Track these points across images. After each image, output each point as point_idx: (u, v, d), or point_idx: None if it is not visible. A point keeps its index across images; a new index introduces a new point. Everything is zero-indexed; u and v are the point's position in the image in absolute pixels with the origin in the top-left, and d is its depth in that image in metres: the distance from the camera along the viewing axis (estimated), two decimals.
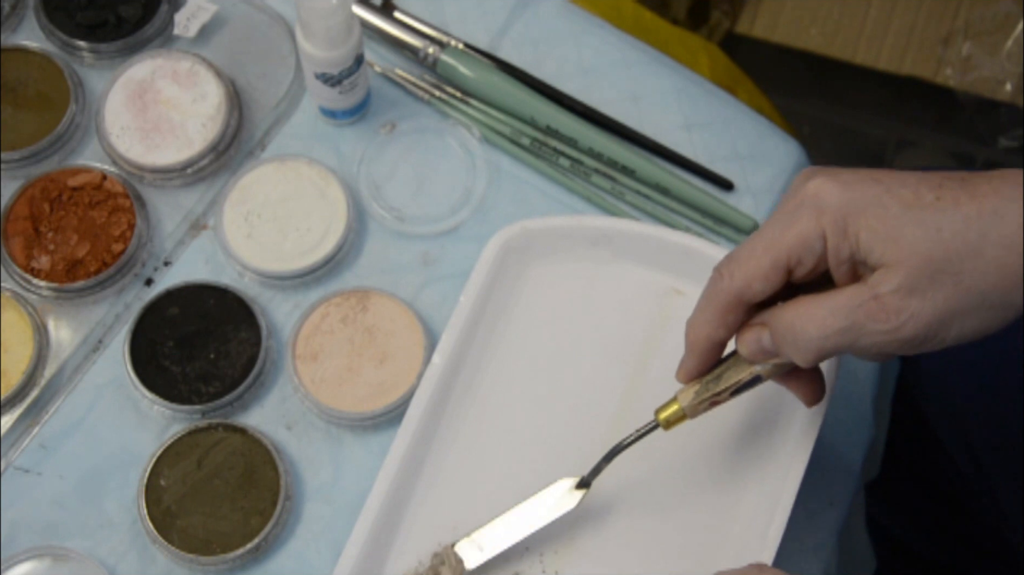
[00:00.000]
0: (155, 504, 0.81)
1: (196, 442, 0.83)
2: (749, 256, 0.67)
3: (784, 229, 0.66)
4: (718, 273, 0.69)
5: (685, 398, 0.73)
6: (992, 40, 1.67)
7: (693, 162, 0.92)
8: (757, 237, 0.67)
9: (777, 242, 0.66)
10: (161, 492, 0.82)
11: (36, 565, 0.81)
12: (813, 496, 0.85)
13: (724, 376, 0.72)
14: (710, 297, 0.70)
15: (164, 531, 0.81)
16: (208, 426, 0.83)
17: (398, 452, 0.80)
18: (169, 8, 0.94)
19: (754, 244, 0.67)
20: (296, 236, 0.88)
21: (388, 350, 0.86)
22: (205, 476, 0.82)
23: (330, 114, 0.92)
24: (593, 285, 0.86)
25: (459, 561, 0.78)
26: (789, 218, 0.66)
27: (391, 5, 0.96)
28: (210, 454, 0.83)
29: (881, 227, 0.64)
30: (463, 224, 0.91)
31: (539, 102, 0.92)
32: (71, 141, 0.91)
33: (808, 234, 0.65)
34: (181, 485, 0.82)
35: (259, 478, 0.82)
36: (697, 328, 0.71)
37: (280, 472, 0.82)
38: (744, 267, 0.67)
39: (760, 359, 0.70)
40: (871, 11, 1.72)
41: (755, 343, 0.69)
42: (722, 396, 0.73)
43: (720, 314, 0.69)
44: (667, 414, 0.74)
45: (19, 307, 0.86)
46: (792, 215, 0.66)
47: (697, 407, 0.73)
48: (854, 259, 0.65)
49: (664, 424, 0.74)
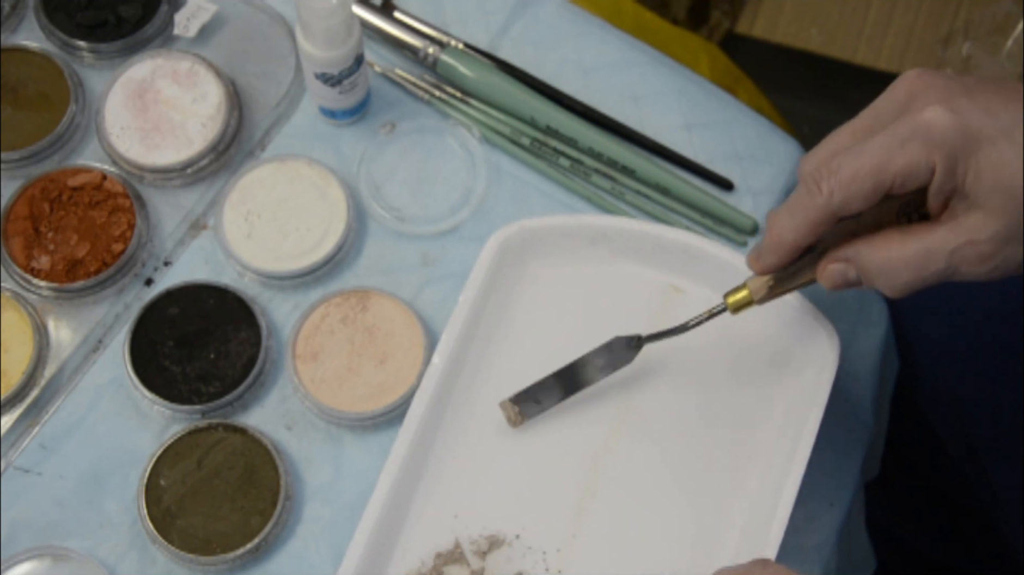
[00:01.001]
0: (155, 504, 0.81)
1: (196, 442, 0.83)
2: (853, 176, 0.66)
3: (893, 155, 0.65)
4: (816, 186, 0.68)
5: (756, 288, 0.75)
6: (992, 40, 1.67)
7: (693, 162, 0.92)
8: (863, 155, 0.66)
9: (885, 168, 0.65)
10: (161, 492, 0.82)
11: (36, 565, 0.81)
12: (813, 496, 0.85)
13: (799, 274, 0.74)
14: (804, 208, 0.69)
15: (164, 531, 0.81)
16: (208, 426, 0.83)
17: (399, 453, 0.80)
18: (169, 8, 0.94)
19: (859, 163, 0.66)
20: (296, 236, 0.88)
21: (388, 350, 0.86)
22: (205, 476, 0.82)
23: (330, 114, 0.92)
24: (593, 284, 0.86)
25: (517, 412, 0.80)
26: (900, 144, 0.65)
27: (391, 5, 0.96)
28: (210, 454, 0.83)
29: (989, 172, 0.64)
30: (463, 224, 0.90)
31: (539, 102, 0.92)
32: (71, 141, 0.91)
33: (918, 166, 0.65)
34: (181, 485, 0.82)
35: (259, 478, 0.82)
36: (785, 233, 0.70)
37: (280, 472, 0.82)
38: (847, 187, 0.67)
39: (842, 289, 0.71)
40: (871, 11, 1.72)
41: (841, 278, 0.70)
42: (790, 290, 0.75)
43: (812, 226, 0.69)
44: (736, 299, 0.76)
45: (19, 307, 0.86)
46: (903, 142, 0.65)
47: (767, 297, 0.75)
48: (954, 194, 0.66)
49: (733, 308, 0.76)
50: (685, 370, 0.84)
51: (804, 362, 0.83)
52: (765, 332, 0.84)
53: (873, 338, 0.92)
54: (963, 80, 0.67)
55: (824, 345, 0.81)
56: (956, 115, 0.65)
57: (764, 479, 0.81)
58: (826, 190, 0.67)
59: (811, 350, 0.82)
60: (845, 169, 0.67)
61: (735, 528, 0.80)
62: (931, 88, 0.67)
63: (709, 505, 0.81)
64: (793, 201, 0.70)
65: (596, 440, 0.83)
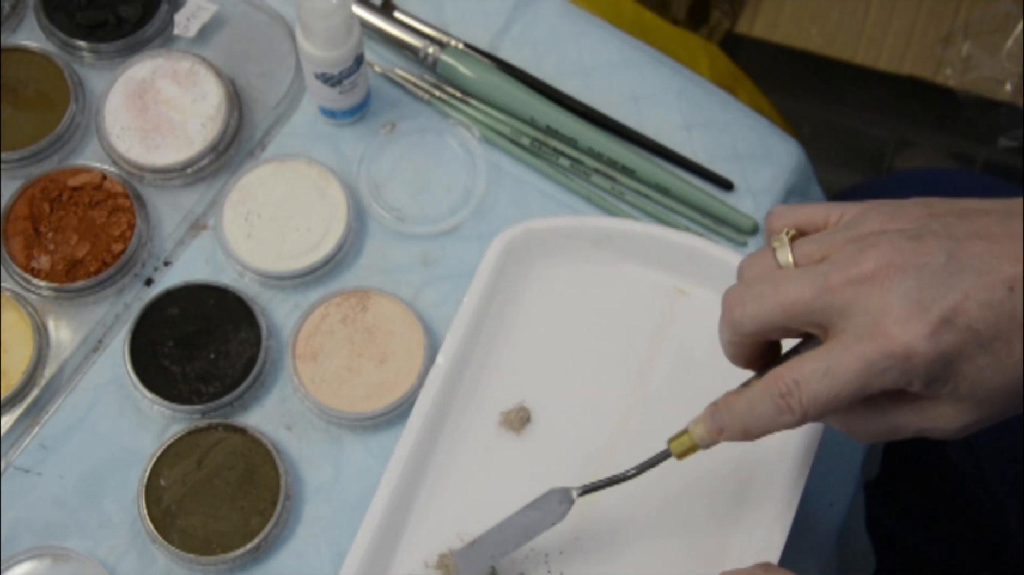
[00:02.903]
0: (155, 504, 0.81)
1: (196, 442, 0.83)
2: (829, 401, 0.62)
3: (871, 380, 0.61)
4: (785, 403, 0.63)
5: (701, 435, 0.70)
6: (992, 40, 1.67)
7: (693, 162, 0.92)
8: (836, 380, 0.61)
9: (862, 390, 0.61)
10: (161, 492, 0.82)
11: (36, 565, 0.81)
12: (813, 496, 0.85)
13: None
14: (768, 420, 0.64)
15: (164, 531, 0.81)
16: (208, 426, 0.83)
17: (402, 453, 0.80)
18: (169, 8, 0.94)
19: (835, 389, 0.61)
20: (296, 236, 0.88)
21: (388, 350, 0.86)
22: (205, 476, 0.82)
23: (330, 114, 0.92)
24: (596, 285, 0.86)
25: (457, 570, 0.78)
26: (879, 373, 0.60)
27: (391, 5, 0.96)
28: (210, 454, 0.83)
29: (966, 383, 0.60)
30: (463, 224, 0.91)
31: (539, 102, 0.92)
32: (71, 141, 0.91)
33: (895, 384, 0.61)
34: (181, 485, 0.82)
35: (259, 478, 0.82)
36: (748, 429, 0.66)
37: (280, 472, 0.82)
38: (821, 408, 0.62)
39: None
40: (871, 11, 1.72)
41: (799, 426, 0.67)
42: None
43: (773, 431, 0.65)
44: (680, 444, 0.71)
45: (19, 307, 0.86)
46: (882, 371, 0.60)
47: (713, 444, 0.70)
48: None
49: (678, 454, 0.71)
50: (684, 372, 0.84)
51: None
52: None
53: None
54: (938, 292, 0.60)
55: None
56: (935, 343, 0.59)
57: (767, 480, 0.80)
58: (799, 411, 0.63)
59: None
60: (820, 393, 0.62)
61: (738, 530, 0.80)
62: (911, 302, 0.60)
63: (711, 506, 0.81)
64: (756, 407, 0.65)
65: (598, 441, 0.83)
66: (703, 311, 0.84)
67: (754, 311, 0.64)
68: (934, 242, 0.61)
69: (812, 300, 0.62)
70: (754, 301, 0.64)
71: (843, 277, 0.61)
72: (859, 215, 0.65)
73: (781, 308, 0.63)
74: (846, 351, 0.61)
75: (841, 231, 0.64)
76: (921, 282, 0.60)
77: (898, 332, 0.59)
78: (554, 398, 0.84)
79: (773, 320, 0.63)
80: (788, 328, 0.64)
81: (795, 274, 0.63)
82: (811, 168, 0.96)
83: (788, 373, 0.63)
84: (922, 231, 0.61)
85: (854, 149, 1.75)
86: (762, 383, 0.64)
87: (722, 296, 0.66)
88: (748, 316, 0.64)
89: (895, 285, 0.60)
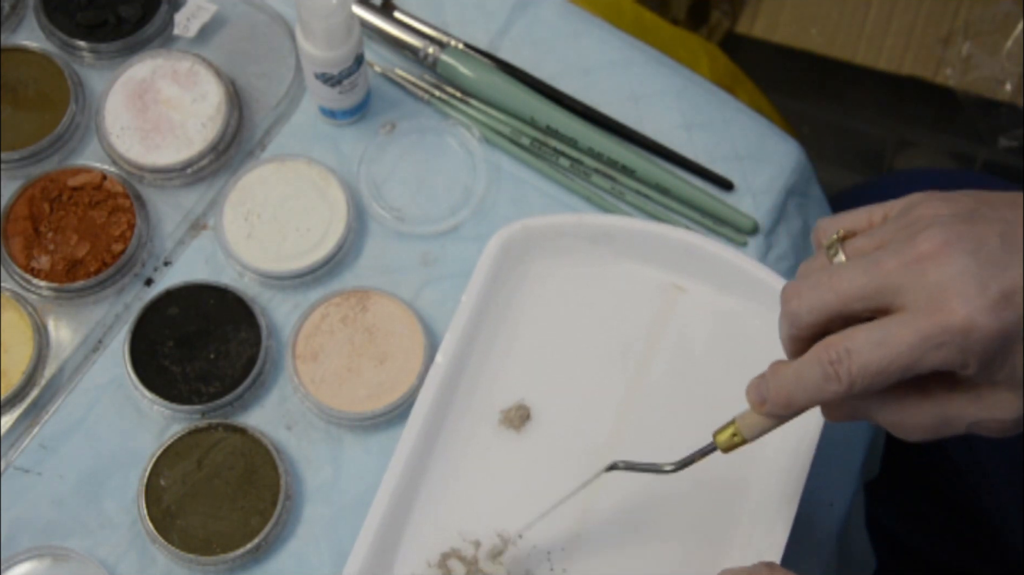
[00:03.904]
0: (155, 504, 0.81)
1: (196, 442, 0.83)
2: (878, 372, 0.61)
3: (925, 355, 0.60)
4: (833, 371, 0.62)
5: (748, 426, 0.68)
6: (992, 40, 1.67)
7: (693, 162, 0.92)
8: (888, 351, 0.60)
9: (915, 366, 0.60)
10: (161, 492, 0.82)
11: (36, 565, 0.81)
12: (813, 496, 0.85)
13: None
14: (815, 390, 0.63)
15: (164, 531, 0.81)
16: (208, 426, 0.83)
17: (403, 453, 0.80)
18: (169, 8, 0.94)
19: (886, 360, 0.61)
20: (296, 236, 0.88)
21: (388, 350, 0.86)
22: (205, 476, 0.82)
23: (330, 114, 0.92)
24: (595, 283, 0.87)
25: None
26: (934, 348, 0.60)
27: (391, 5, 0.96)
28: (210, 454, 0.83)
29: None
30: (463, 224, 0.91)
31: (539, 102, 0.92)
32: (71, 141, 0.91)
33: (951, 365, 0.60)
34: (181, 485, 0.82)
35: (259, 478, 0.82)
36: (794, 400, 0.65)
37: (280, 472, 0.82)
38: (869, 380, 0.61)
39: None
40: (871, 11, 1.72)
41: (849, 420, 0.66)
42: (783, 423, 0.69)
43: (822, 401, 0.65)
44: (725, 438, 0.70)
45: (19, 307, 0.86)
46: (937, 346, 0.59)
47: (760, 435, 0.69)
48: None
49: (724, 448, 0.70)
50: (686, 375, 0.84)
51: None
52: (766, 335, 0.84)
53: None
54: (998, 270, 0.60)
55: None
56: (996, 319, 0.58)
57: (768, 479, 0.80)
58: (846, 380, 0.62)
59: None
60: (871, 363, 0.61)
61: (740, 528, 0.80)
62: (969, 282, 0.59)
63: (714, 505, 0.81)
64: (804, 375, 0.64)
65: (598, 438, 0.83)
66: (701, 307, 0.84)
67: (811, 300, 0.63)
68: (987, 226, 0.60)
69: (867, 283, 0.61)
70: (811, 291, 0.63)
71: (899, 260, 0.61)
72: (908, 206, 0.64)
73: (836, 294, 0.62)
74: (902, 324, 0.60)
75: (892, 223, 0.64)
76: (979, 260, 0.59)
77: (958, 306, 0.59)
78: (553, 396, 0.84)
79: (830, 307, 0.63)
80: (846, 316, 0.63)
81: (850, 263, 0.63)
82: (811, 168, 0.96)
83: (840, 341, 0.62)
84: (974, 215, 0.61)
85: (854, 149, 1.75)
86: (812, 350, 0.63)
87: (780, 292, 0.65)
88: (805, 306, 0.63)
89: (952, 262, 0.59)
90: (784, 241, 0.91)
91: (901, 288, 0.60)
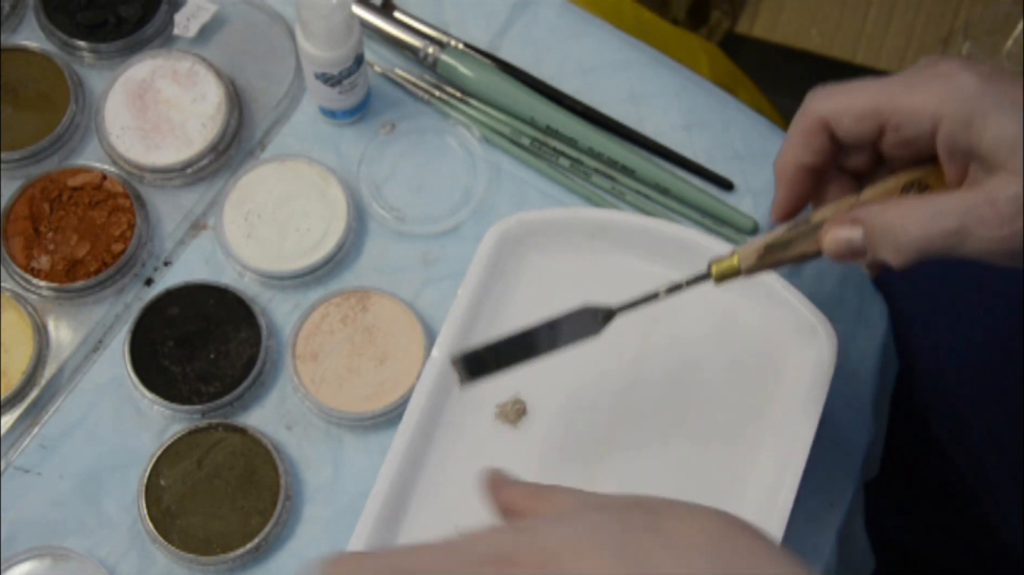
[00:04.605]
0: (155, 504, 0.81)
1: (196, 442, 0.83)
2: (851, 90, 0.64)
3: (902, 89, 0.63)
4: (810, 94, 0.66)
5: (745, 255, 0.70)
6: (992, 40, 1.67)
7: (693, 162, 0.92)
8: (868, 82, 0.64)
9: (889, 97, 0.63)
10: (161, 492, 0.82)
11: (36, 565, 0.81)
12: (813, 496, 0.85)
13: (793, 244, 0.69)
14: (796, 121, 0.66)
15: (164, 531, 0.81)
16: (208, 426, 0.83)
17: (399, 447, 0.80)
18: (169, 8, 0.94)
19: (863, 85, 0.64)
20: (296, 236, 0.88)
21: (388, 350, 0.86)
22: (205, 476, 0.82)
23: (330, 114, 0.92)
24: (590, 277, 0.86)
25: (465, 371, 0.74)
26: (911, 83, 0.63)
27: (391, 5, 0.96)
28: (210, 454, 0.83)
29: (1012, 130, 0.60)
30: (463, 224, 0.91)
31: (539, 102, 0.92)
32: (71, 141, 0.91)
33: (924, 108, 0.62)
34: (181, 485, 0.82)
35: (259, 478, 0.82)
36: (782, 155, 0.68)
37: (280, 472, 0.82)
38: (841, 98, 0.65)
39: (846, 257, 0.67)
40: (871, 11, 1.72)
41: (845, 243, 0.66)
42: (784, 262, 0.70)
43: (804, 136, 0.66)
44: (722, 266, 0.71)
45: (19, 307, 0.86)
46: (916, 82, 0.63)
47: (756, 267, 0.70)
48: (970, 154, 0.62)
49: (717, 276, 0.71)
50: (682, 370, 0.84)
51: (803, 362, 0.83)
52: (764, 332, 0.84)
53: (873, 338, 0.92)
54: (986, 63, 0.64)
55: (823, 345, 0.81)
56: (978, 74, 0.61)
57: (763, 479, 0.81)
58: (819, 96, 0.65)
59: (810, 350, 0.82)
60: (844, 85, 0.64)
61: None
62: (951, 57, 0.63)
63: (709, 505, 0.81)
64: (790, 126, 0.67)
65: (594, 432, 0.83)
66: (697, 302, 0.84)
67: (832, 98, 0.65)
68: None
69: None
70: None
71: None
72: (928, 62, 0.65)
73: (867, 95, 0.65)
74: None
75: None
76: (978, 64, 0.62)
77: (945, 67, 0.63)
78: (549, 390, 0.84)
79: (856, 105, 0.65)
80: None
81: None
82: None
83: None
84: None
85: None
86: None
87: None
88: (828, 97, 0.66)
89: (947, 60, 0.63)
90: None
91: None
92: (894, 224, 0.63)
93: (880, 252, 0.65)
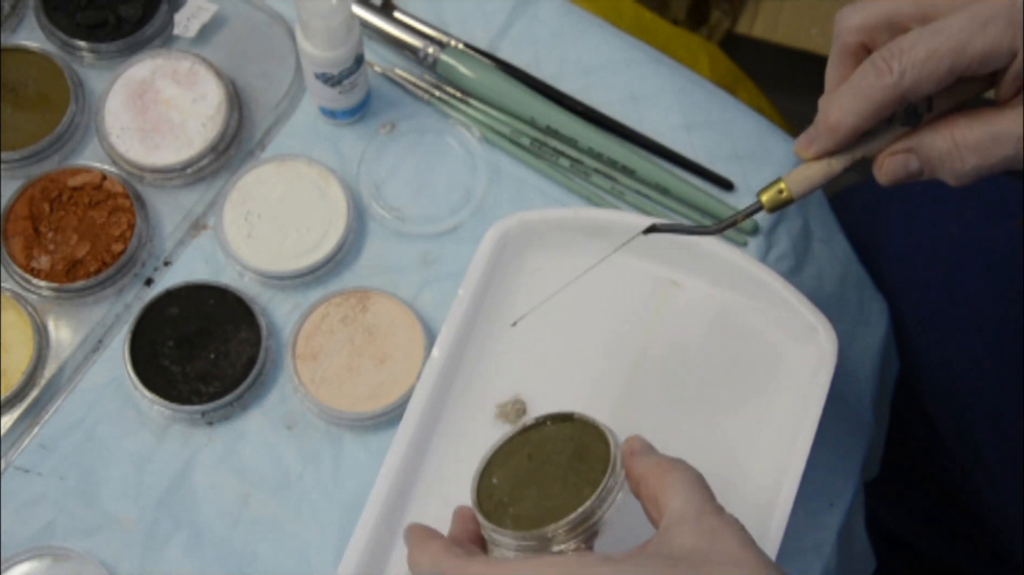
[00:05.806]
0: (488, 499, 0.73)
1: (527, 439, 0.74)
2: (928, 56, 0.62)
3: (974, 36, 0.61)
4: (885, 65, 0.63)
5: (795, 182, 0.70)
6: None
7: (693, 162, 0.92)
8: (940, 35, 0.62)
9: (964, 49, 0.61)
10: (492, 490, 0.73)
11: (36, 565, 0.81)
12: (813, 496, 0.85)
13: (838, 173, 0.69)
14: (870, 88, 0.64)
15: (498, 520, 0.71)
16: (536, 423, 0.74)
17: (399, 447, 0.80)
18: (169, 8, 0.94)
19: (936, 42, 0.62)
20: (296, 236, 0.88)
21: (388, 350, 0.86)
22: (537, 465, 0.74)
23: (330, 114, 0.92)
24: (591, 277, 0.86)
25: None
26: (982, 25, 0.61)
27: (391, 5, 0.96)
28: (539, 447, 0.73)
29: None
30: (463, 224, 0.91)
31: (539, 102, 0.92)
32: (71, 141, 0.91)
33: (1000, 48, 0.61)
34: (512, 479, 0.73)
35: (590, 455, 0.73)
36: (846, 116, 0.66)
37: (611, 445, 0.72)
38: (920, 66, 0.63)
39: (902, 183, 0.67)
40: None
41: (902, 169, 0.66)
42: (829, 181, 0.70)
43: (877, 108, 0.65)
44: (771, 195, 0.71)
45: (19, 307, 0.86)
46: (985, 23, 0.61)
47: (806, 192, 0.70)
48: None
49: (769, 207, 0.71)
50: (682, 370, 0.84)
51: (803, 362, 0.83)
52: (764, 332, 0.84)
53: (873, 338, 0.92)
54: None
55: (823, 345, 0.81)
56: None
57: (763, 479, 0.80)
58: (897, 69, 0.62)
59: (810, 350, 0.82)
60: (919, 48, 0.62)
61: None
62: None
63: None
64: (856, 81, 0.64)
65: None
66: (697, 302, 0.84)
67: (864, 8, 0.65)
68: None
69: None
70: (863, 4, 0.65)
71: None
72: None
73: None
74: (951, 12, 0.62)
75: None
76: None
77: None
78: (549, 390, 0.84)
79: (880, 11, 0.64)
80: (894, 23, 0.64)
81: None
82: None
83: (892, 43, 0.63)
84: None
85: None
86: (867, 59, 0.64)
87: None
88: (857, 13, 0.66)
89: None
90: (784, 241, 0.91)
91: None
92: (951, 154, 0.64)
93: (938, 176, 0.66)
